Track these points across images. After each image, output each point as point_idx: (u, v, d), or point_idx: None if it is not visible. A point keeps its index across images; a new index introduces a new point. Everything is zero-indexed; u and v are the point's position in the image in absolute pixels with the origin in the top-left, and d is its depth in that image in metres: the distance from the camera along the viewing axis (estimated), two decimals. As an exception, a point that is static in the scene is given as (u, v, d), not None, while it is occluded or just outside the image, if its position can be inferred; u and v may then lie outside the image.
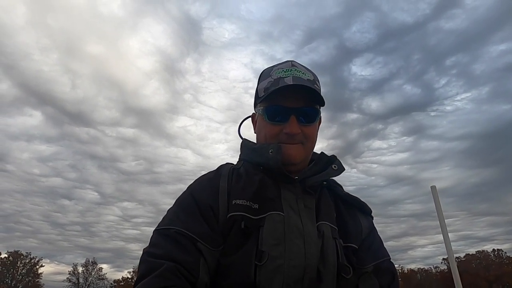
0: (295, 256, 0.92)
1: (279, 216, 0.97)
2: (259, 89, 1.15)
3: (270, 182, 1.05)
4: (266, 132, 1.11)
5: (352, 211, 1.13)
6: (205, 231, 0.93)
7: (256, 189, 1.02)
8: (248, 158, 1.16)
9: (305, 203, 1.04)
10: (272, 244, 0.92)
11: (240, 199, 0.98)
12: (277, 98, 1.07)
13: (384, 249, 1.12)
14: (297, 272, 0.91)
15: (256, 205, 0.98)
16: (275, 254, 0.91)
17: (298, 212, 1.01)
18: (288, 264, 0.91)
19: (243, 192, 1.01)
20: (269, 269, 0.89)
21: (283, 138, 1.08)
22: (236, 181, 1.05)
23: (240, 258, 0.91)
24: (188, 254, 0.89)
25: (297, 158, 1.08)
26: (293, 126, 1.06)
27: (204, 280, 0.89)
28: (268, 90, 1.08)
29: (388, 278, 1.05)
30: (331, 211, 1.08)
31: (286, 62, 1.17)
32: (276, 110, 1.09)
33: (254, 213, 0.97)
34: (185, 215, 0.97)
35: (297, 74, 1.09)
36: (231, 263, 0.92)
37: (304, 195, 1.06)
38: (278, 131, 1.08)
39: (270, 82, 1.10)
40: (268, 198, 1.01)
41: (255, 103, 1.20)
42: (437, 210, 3.98)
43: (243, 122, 1.31)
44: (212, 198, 0.99)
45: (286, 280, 0.90)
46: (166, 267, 0.85)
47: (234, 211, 0.96)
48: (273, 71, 1.13)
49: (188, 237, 0.91)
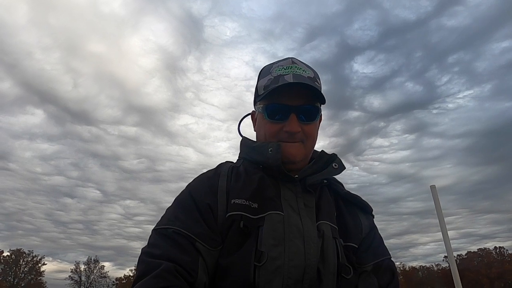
0: (295, 256, 0.91)
1: (278, 216, 0.96)
2: (259, 87, 1.14)
3: (270, 181, 1.05)
4: (266, 130, 1.10)
5: (353, 210, 1.12)
6: (203, 231, 0.93)
7: (256, 188, 1.00)
8: (247, 156, 1.16)
9: (305, 202, 1.03)
10: (271, 245, 0.91)
11: (239, 199, 0.97)
12: (277, 96, 1.06)
13: (384, 248, 1.12)
14: (297, 273, 0.90)
15: (256, 205, 0.97)
16: (274, 254, 0.90)
17: (298, 211, 1.00)
18: (288, 265, 0.90)
19: (242, 191, 1.00)
20: (269, 270, 0.89)
21: (283, 137, 1.07)
22: (236, 180, 1.04)
23: (239, 259, 0.90)
24: (187, 254, 0.88)
25: (297, 156, 1.07)
26: (293, 125, 1.05)
27: (202, 280, 0.88)
28: (268, 88, 1.07)
29: (387, 277, 1.04)
30: (332, 210, 1.07)
31: (286, 59, 1.15)
32: (276, 108, 1.07)
33: (253, 213, 0.96)
34: (183, 214, 0.96)
35: (297, 71, 1.07)
36: (230, 263, 0.91)
37: (304, 194, 1.05)
38: (278, 129, 1.07)
39: (270, 79, 1.09)
40: (267, 197, 0.99)
41: (255, 101, 1.19)
42: (436, 210, 3.98)
43: (242, 120, 1.29)
44: (211, 198, 0.98)
45: (285, 280, 0.89)
46: (164, 267, 0.84)
47: (233, 211, 0.95)
48: (273, 68, 1.12)
49: (187, 237, 0.91)
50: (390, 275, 1.05)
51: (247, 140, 1.21)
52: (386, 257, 1.08)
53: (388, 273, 1.05)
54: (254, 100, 1.21)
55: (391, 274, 1.05)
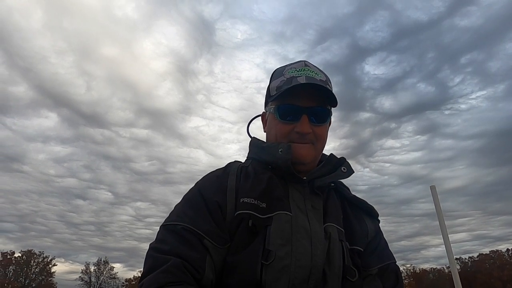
0: (302, 256, 0.92)
1: (286, 216, 0.96)
2: (271, 88, 1.15)
3: (278, 182, 1.05)
4: (277, 131, 1.11)
5: (359, 214, 1.13)
6: (212, 228, 0.93)
7: (264, 188, 1.01)
8: (256, 156, 1.15)
9: (312, 204, 1.03)
10: (279, 244, 0.92)
11: (248, 198, 0.98)
12: (290, 97, 1.07)
13: (390, 252, 1.11)
14: (303, 273, 0.91)
15: (264, 204, 0.97)
16: (281, 254, 0.91)
17: (306, 212, 1.00)
18: (295, 265, 0.90)
19: (251, 190, 1.00)
20: (276, 269, 0.89)
21: (294, 137, 1.07)
22: (245, 180, 1.04)
23: (247, 257, 0.91)
24: (194, 250, 0.89)
25: (307, 158, 1.08)
26: (304, 126, 1.05)
27: (209, 277, 0.89)
28: (280, 89, 1.08)
29: (392, 281, 1.05)
30: (338, 213, 1.07)
31: (299, 62, 1.16)
32: (288, 109, 1.08)
33: (261, 212, 0.96)
34: (192, 211, 0.97)
35: (310, 74, 1.08)
36: (238, 261, 0.91)
37: (312, 195, 1.05)
38: (290, 130, 1.08)
39: (283, 81, 1.10)
40: (276, 197, 1.00)
41: (266, 102, 1.20)
42: (436, 210, 3.93)
43: (252, 121, 1.30)
44: (220, 196, 0.99)
45: (292, 280, 0.89)
46: (172, 263, 0.85)
47: (242, 209, 0.96)
48: (286, 70, 1.13)
49: (195, 234, 0.91)
50: (394, 279, 1.06)
51: (257, 140, 1.21)
52: (391, 261, 1.09)
53: (393, 277, 1.06)
54: (265, 101, 1.22)
55: (395, 278, 1.06)
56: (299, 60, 1.17)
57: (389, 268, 1.06)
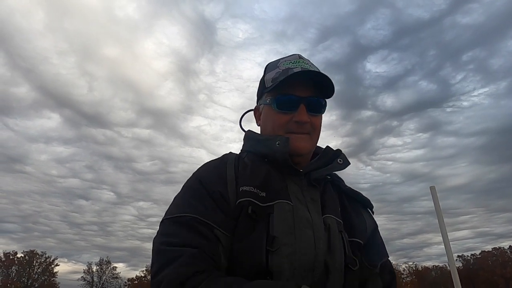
0: (306, 245, 0.92)
1: (288, 205, 0.96)
2: (266, 80, 1.14)
3: (276, 174, 1.04)
4: (274, 122, 1.10)
5: (356, 207, 1.13)
6: (219, 217, 0.92)
7: (263, 179, 1.00)
8: (252, 149, 1.14)
9: (310, 196, 1.03)
10: (283, 231, 0.91)
11: (247, 186, 0.97)
12: (286, 87, 1.07)
13: (385, 248, 1.13)
14: (307, 261, 0.91)
15: (264, 193, 0.97)
16: (286, 241, 0.90)
17: (306, 204, 1.00)
18: (300, 252, 0.90)
19: (251, 180, 0.99)
20: (281, 255, 0.88)
21: (292, 127, 1.07)
22: (243, 169, 1.04)
23: (252, 244, 0.90)
24: (207, 240, 0.87)
25: (304, 149, 1.08)
26: (302, 115, 1.06)
27: (224, 266, 0.88)
28: (276, 80, 1.08)
29: (389, 278, 1.07)
30: (336, 205, 1.08)
31: (293, 55, 1.17)
32: (285, 99, 1.08)
33: (262, 201, 0.95)
34: (196, 201, 0.95)
35: (304, 66, 1.09)
36: (242, 248, 0.90)
37: (309, 188, 1.05)
38: (287, 120, 1.08)
39: (278, 72, 1.10)
40: (274, 188, 0.99)
41: (261, 95, 1.20)
42: (436, 210, 3.92)
43: (244, 115, 1.30)
44: (221, 186, 0.97)
45: (297, 268, 0.89)
46: (190, 254, 0.83)
47: (242, 197, 0.95)
48: (280, 63, 1.14)
49: (204, 224, 0.89)
50: (391, 276, 1.08)
51: (253, 133, 1.20)
52: (388, 258, 1.11)
53: (389, 274, 1.08)
54: (258, 94, 1.22)
55: (391, 275, 1.08)
56: (293, 54, 1.18)
57: (386, 264, 1.09)
